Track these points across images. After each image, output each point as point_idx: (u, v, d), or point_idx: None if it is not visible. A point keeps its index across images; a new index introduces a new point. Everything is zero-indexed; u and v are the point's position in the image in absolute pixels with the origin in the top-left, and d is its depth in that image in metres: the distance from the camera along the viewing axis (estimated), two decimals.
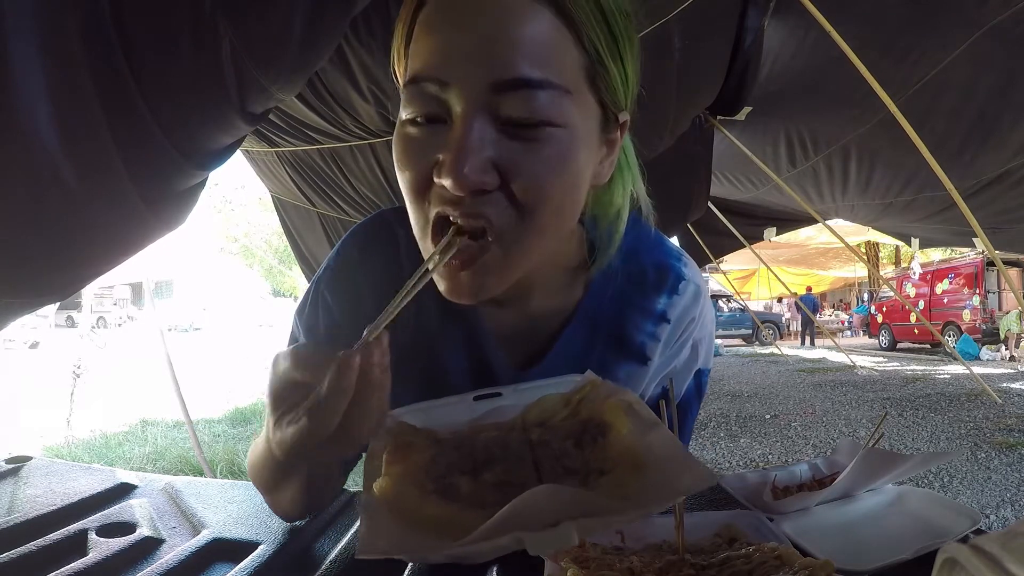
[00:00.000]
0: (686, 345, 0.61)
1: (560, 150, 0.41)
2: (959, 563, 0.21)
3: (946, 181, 2.93)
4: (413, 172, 0.41)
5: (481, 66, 0.38)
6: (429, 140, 0.40)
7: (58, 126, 0.84)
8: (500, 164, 0.39)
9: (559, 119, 0.40)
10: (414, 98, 0.40)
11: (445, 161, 0.38)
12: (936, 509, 0.54)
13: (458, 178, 0.37)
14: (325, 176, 3.24)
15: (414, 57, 0.41)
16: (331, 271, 0.60)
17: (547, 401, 0.51)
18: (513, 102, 0.38)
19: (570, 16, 0.39)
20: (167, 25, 0.94)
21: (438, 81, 0.38)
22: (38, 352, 12.00)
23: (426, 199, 0.42)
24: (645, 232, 0.60)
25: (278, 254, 15.88)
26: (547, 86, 0.39)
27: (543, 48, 0.38)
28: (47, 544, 0.54)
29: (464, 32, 0.38)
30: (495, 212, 0.40)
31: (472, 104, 0.38)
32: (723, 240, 7.04)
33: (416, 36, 0.41)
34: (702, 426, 4.51)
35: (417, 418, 0.52)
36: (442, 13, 0.39)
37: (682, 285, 0.59)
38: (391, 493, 0.40)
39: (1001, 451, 3.47)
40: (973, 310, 9.69)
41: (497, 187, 0.40)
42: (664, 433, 0.41)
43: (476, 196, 0.39)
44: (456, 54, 0.38)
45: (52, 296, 1.09)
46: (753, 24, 3.12)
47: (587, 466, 0.42)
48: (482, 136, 0.38)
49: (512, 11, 0.38)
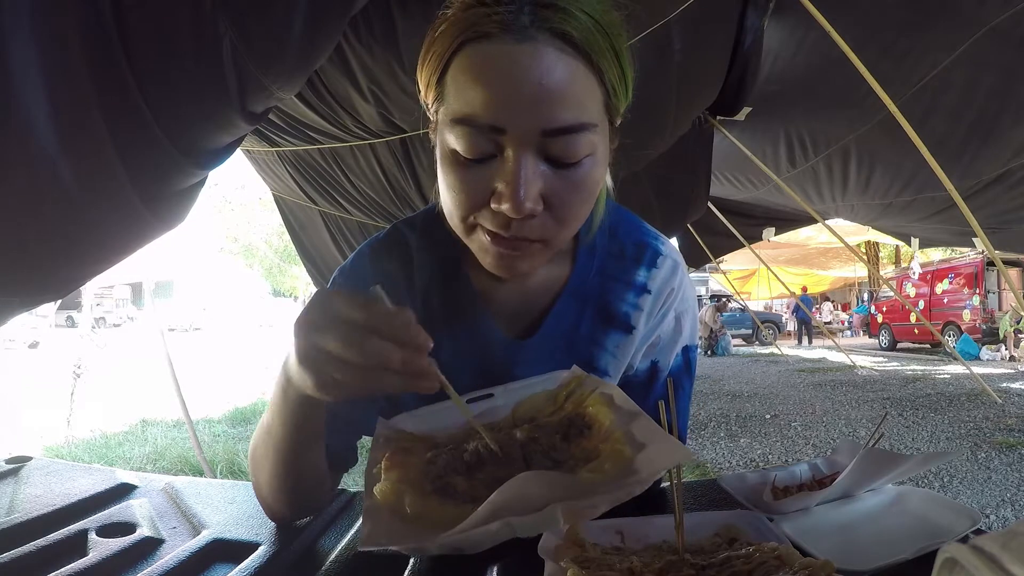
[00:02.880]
0: (668, 315, 0.66)
1: (592, 177, 0.50)
2: (959, 563, 0.21)
3: (946, 181, 2.93)
4: (468, 196, 0.49)
5: (533, 116, 0.45)
6: (483, 172, 0.47)
7: (56, 125, 0.84)
8: (546, 195, 0.48)
9: (591, 151, 0.48)
10: (468, 137, 0.46)
11: (505, 193, 0.46)
12: (936, 509, 0.54)
13: (517, 208, 0.46)
14: (326, 175, 3.24)
15: (462, 99, 0.46)
16: (344, 275, 0.65)
17: (535, 399, 0.54)
18: (558, 144, 0.46)
19: (595, 64, 0.47)
20: (167, 24, 0.94)
21: (494, 128, 0.45)
22: (38, 352, 12.01)
23: (475, 215, 0.50)
24: (624, 215, 0.67)
25: (278, 254, 15.87)
26: (583, 129, 0.46)
27: (579, 96, 0.46)
28: (47, 544, 0.54)
29: (515, 87, 0.44)
30: (539, 230, 0.49)
31: (525, 147, 0.46)
32: (723, 240, 7.04)
33: (459, 79, 0.47)
34: (702, 426, 4.51)
35: (414, 424, 0.55)
36: (490, 67, 0.45)
37: (660, 259, 0.65)
38: (391, 495, 0.42)
39: (1001, 451, 3.47)
40: (973, 310, 9.68)
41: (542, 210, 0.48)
42: (645, 421, 0.44)
43: (525, 219, 0.48)
44: (510, 105, 0.45)
45: (50, 294, 1.09)
46: (753, 24, 3.12)
47: (574, 458, 0.45)
48: (534, 172, 0.46)
49: (552, 68, 0.45)
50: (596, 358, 0.64)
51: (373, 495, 0.43)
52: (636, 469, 0.39)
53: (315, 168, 3.22)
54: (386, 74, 2.22)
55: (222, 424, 5.01)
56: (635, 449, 0.41)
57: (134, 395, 6.15)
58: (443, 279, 0.63)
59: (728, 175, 5.34)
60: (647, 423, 0.44)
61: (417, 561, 0.51)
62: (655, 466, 0.38)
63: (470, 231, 0.51)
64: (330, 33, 1.23)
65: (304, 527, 0.59)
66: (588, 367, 0.63)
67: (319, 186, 3.38)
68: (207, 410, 5.35)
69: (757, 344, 13.56)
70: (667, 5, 2.43)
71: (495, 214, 0.48)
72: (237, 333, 18.37)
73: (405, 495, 0.41)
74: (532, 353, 0.62)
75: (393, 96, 2.35)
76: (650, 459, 0.39)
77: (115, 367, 8.29)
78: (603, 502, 0.35)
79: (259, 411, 5.43)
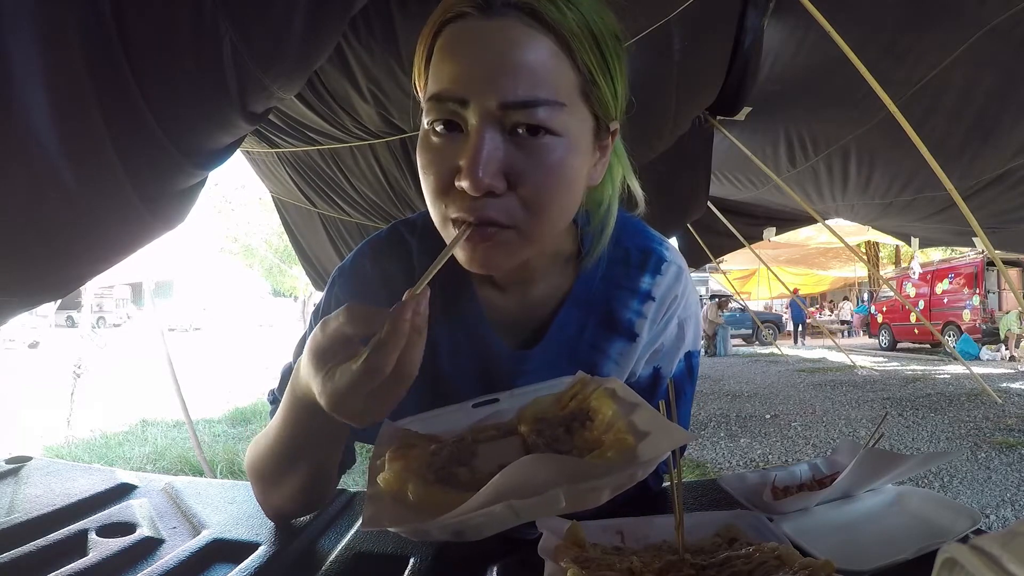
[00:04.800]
0: (672, 322, 0.66)
1: (558, 157, 0.48)
2: (959, 563, 0.21)
3: (946, 181, 2.93)
4: (436, 176, 0.48)
5: (492, 88, 0.45)
6: (449, 148, 0.47)
7: (57, 125, 0.84)
8: (508, 172, 0.47)
9: (556, 128, 0.47)
10: (436, 112, 0.47)
11: (463, 167, 0.45)
12: (936, 509, 0.54)
13: (474, 180, 0.45)
14: (325, 176, 3.24)
15: (435, 77, 0.48)
16: (346, 275, 0.65)
17: (541, 402, 0.54)
18: (517, 116, 0.46)
19: (566, 43, 0.47)
20: (168, 24, 0.94)
21: (458, 100, 0.46)
22: (38, 352, 12.00)
23: (445, 201, 0.49)
24: (629, 220, 0.66)
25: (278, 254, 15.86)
26: (545, 103, 0.46)
27: (542, 71, 0.46)
28: (47, 544, 0.54)
29: (478, 59, 0.46)
30: (506, 213, 0.48)
31: (484, 119, 0.46)
32: (723, 240, 7.03)
33: (435, 59, 0.48)
34: (702, 426, 4.51)
35: (420, 426, 0.55)
36: (459, 42, 0.47)
37: (664, 266, 0.64)
38: (394, 483, 0.42)
39: (1001, 451, 3.47)
40: (973, 310, 9.69)
41: (506, 191, 0.47)
42: (646, 409, 0.44)
43: (489, 199, 0.47)
44: (472, 78, 0.45)
45: (49, 294, 1.09)
46: (753, 24, 3.12)
47: (577, 448, 0.45)
48: (493, 145, 0.46)
49: (517, 42, 0.45)
50: (599, 365, 0.63)
51: (376, 483, 0.43)
52: (639, 455, 0.39)
53: (315, 169, 3.22)
54: (386, 74, 2.22)
55: (222, 424, 5.01)
56: (638, 438, 0.41)
57: (134, 395, 6.15)
58: (444, 285, 0.62)
59: (728, 175, 5.34)
60: (649, 412, 0.44)
61: (417, 561, 0.51)
62: (658, 450, 0.38)
63: (444, 224, 0.50)
64: (330, 33, 1.24)
65: (304, 527, 0.59)
66: (591, 374, 0.63)
67: (318, 188, 3.38)
68: (207, 410, 5.34)
69: (757, 344, 13.55)
70: (667, 5, 2.43)
71: (460, 196, 0.47)
72: (237, 333, 18.37)
73: (408, 483, 0.42)
74: (535, 363, 0.62)
75: (392, 96, 2.35)
76: (652, 444, 0.40)
77: (115, 367, 8.29)
78: (606, 485, 0.35)
79: (259, 411, 5.43)
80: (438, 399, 0.59)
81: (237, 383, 6.91)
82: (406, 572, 0.49)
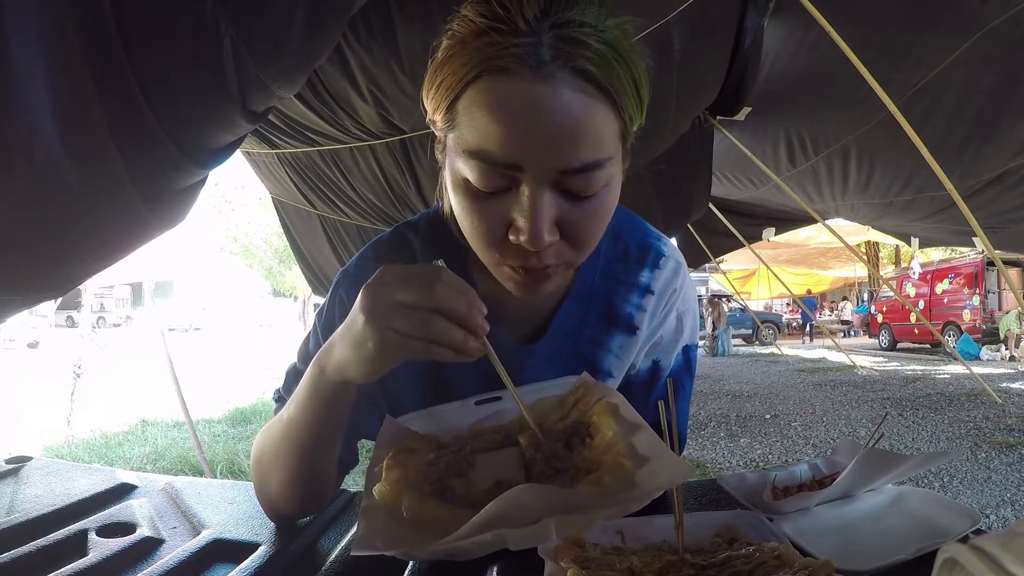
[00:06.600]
0: (670, 315, 0.67)
1: (607, 203, 0.49)
2: (959, 563, 0.21)
3: (946, 181, 2.93)
4: (487, 229, 0.49)
5: (551, 156, 0.44)
6: (498, 203, 0.47)
7: (59, 124, 0.84)
8: (561, 223, 0.48)
9: (607, 181, 0.48)
10: (483, 171, 0.46)
11: (523, 227, 0.46)
12: (936, 509, 0.54)
13: (536, 242, 0.46)
14: (325, 177, 3.24)
15: (478, 132, 0.45)
16: (349, 277, 0.65)
17: (544, 403, 0.54)
18: (575, 181, 0.46)
19: (615, 100, 0.46)
20: (168, 23, 0.94)
21: (513, 166, 0.45)
22: (38, 352, 12.01)
23: (498, 251, 0.50)
24: (627, 216, 0.67)
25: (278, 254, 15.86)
26: (597, 165, 0.46)
27: (597, 133, 0.45)
28: (47, 544, 0.54)
29: (533, 127, 0.43)
30: (558, 256, 0.50)
31: (542, 184, 0.46)
32: (723, 240, 7.03)
33: (475, 110, 0.45)
34: (702, 426, 4.51)
35: (421, 423, 0.55)
36: (509, 103, 0.44)
37: (663, 260, 0.66)
38: (390, 496, 0.42)
39: (1001, 451, 3.47)
40: (973, 310, 9.68)
41: (558, 239, 0.48)
42: (647, 433, 0.44)
43: (543, 250, 0.48)
44: (528, 144, 0.44)
45: (49, 293, 1.09)
46: (753, 24, 3.12)
47: (575, 466, 0.44)
48: (549, 204, 0.46)
49: (572, 107, 0.44)
50: (600, 359, 0.64)
51: (372, 495, 0.43)
52: (636, 483, 0.39)
53: (314, 171, 3.22)
54: (385, 74, 2.22)
55: (222, 424, 5.01)
56: (636, 462, 0.41)
57: (134, 395, 6.15)
58: None
59: (728, 175, 5.34)
60: (650, 436, 0.43)
61: (417, 561, 0.51)
62: (655, 483, 0.38)
63: (498, 267, 0.52)
64: (330, 32, 1.24)
65: (304, 527, 0.59)
66: (592, 368, 0.63)
67: (318, 189, 3.37)
68: (207, 410, 5.34)
69: (757, 344, 13.55)
70: (667, 5, 2.43)
71: (516, 247, 0.48)
72: (237, 333, 18.37)
73: (403, 496, 0.42)
74: (538, 357, 0.63)
75: (392, 97, 2.35)
76: (651, 474, 0.39)
77: (115, 367, 8.29)
78: (598, 517, 0.35)
79: (259, 411, 5.44)
80: (440, 393, 0.60)
81: (237, 383, 6.91)
82: (406, 572, 0.49)
